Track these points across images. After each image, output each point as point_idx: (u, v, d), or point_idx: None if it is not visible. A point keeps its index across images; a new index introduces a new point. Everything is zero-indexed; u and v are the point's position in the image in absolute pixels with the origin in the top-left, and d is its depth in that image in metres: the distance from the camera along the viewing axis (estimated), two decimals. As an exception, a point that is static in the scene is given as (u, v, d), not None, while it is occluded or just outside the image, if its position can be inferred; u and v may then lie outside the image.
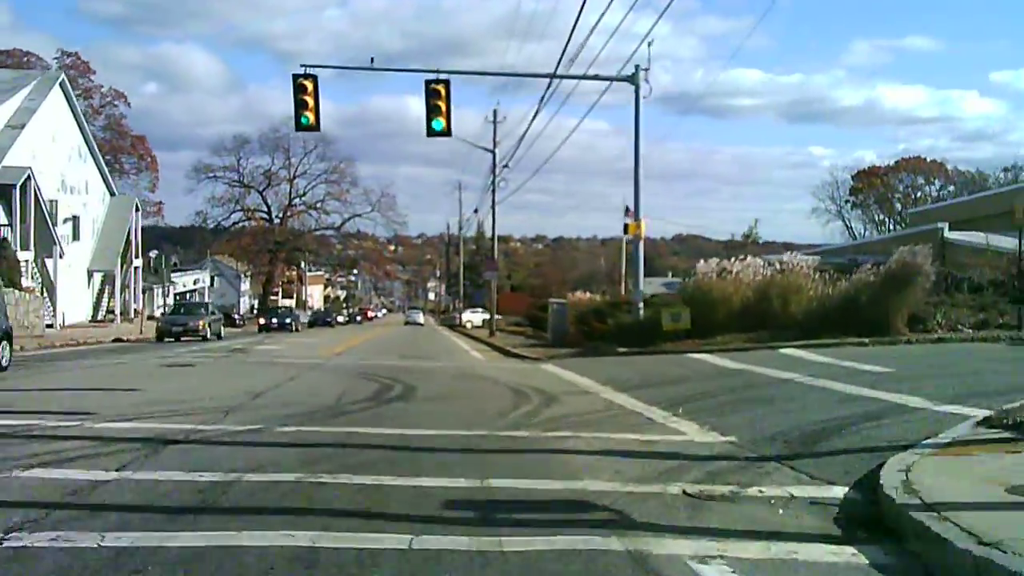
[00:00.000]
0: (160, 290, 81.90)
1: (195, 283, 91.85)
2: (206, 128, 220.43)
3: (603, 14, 21.51)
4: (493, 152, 38.49)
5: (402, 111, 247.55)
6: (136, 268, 48.94)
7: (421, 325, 75.22)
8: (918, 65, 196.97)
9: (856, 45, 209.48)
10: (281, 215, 75.54)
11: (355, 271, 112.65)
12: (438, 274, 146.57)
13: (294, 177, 74.95)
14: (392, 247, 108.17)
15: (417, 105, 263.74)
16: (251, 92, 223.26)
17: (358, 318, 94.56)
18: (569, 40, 20.97)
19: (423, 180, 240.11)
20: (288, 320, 50.55)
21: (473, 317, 58.15)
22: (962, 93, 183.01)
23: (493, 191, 38.50)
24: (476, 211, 49.39)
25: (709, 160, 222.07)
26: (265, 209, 75.88)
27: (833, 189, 77.26)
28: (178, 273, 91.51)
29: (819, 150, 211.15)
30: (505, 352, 24.90)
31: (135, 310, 47.34)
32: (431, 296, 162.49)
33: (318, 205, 76.22)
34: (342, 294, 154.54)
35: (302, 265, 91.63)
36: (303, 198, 76.18)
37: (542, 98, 26.84)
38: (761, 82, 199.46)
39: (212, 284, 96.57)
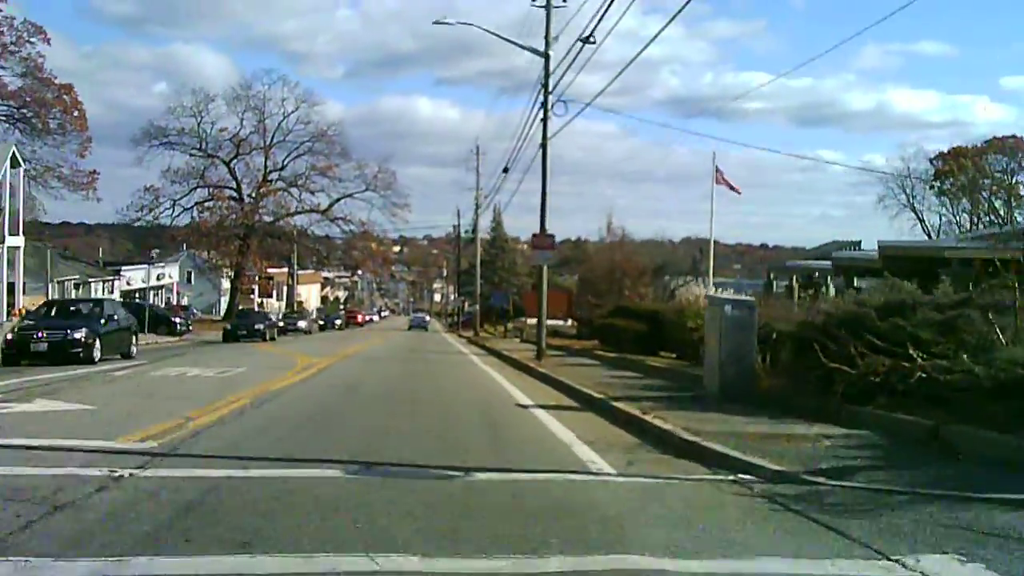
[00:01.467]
0: (102, 286, 67.80)
1: (158, 279, 76.71)
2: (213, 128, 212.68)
3: None
4: (545, 55, 23.35)
5: (411, 111, 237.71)
6: (15, 249, 33.77)
7: (426, 330, 63.46)
8: (929, 69, 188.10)
9: (867, 49, 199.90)
10: (254, 193, 60.25)
11: (358, 272, 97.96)
12: (445, 274, 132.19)
13: (270, 145, 59.69)
14: (397, 248, 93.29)
15: (427, 106, 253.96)
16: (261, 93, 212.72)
17: (336, 322, 75.61)
18: None
19: (430, 181, 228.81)
20: (78, 334, 19.13)
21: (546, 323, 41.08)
22: (973, 98, 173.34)
23: (544, 120, 23.36)
24: (506, 171, 33.52)
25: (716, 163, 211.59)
26: (233, 185, 60.53)
27: (903, 178, 62.54)
28: (131, 267, 76.45)
29: (828, 153, 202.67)
30: (638, 425, 9.71)
31: (7, 308, 32.32)
32: (436, 298, 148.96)
33: (300, 182, 60.91)
34: (343, 295, 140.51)
35: (293, 261, 76.42)
36: (281, 172, 60.93)
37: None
38: (770, 85, 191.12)
39: (189, 281, 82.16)
